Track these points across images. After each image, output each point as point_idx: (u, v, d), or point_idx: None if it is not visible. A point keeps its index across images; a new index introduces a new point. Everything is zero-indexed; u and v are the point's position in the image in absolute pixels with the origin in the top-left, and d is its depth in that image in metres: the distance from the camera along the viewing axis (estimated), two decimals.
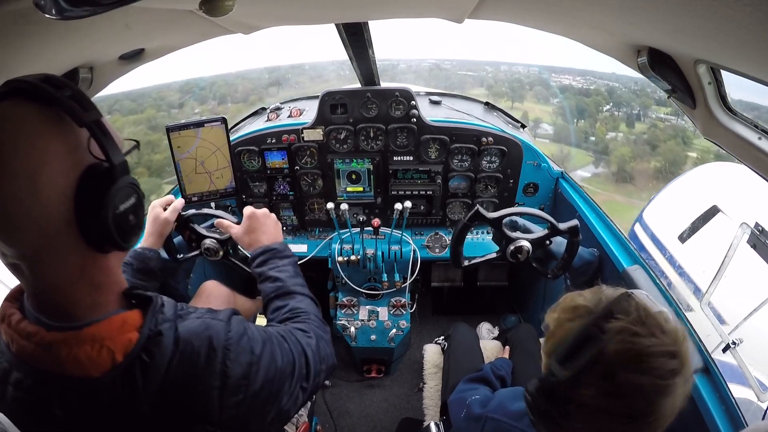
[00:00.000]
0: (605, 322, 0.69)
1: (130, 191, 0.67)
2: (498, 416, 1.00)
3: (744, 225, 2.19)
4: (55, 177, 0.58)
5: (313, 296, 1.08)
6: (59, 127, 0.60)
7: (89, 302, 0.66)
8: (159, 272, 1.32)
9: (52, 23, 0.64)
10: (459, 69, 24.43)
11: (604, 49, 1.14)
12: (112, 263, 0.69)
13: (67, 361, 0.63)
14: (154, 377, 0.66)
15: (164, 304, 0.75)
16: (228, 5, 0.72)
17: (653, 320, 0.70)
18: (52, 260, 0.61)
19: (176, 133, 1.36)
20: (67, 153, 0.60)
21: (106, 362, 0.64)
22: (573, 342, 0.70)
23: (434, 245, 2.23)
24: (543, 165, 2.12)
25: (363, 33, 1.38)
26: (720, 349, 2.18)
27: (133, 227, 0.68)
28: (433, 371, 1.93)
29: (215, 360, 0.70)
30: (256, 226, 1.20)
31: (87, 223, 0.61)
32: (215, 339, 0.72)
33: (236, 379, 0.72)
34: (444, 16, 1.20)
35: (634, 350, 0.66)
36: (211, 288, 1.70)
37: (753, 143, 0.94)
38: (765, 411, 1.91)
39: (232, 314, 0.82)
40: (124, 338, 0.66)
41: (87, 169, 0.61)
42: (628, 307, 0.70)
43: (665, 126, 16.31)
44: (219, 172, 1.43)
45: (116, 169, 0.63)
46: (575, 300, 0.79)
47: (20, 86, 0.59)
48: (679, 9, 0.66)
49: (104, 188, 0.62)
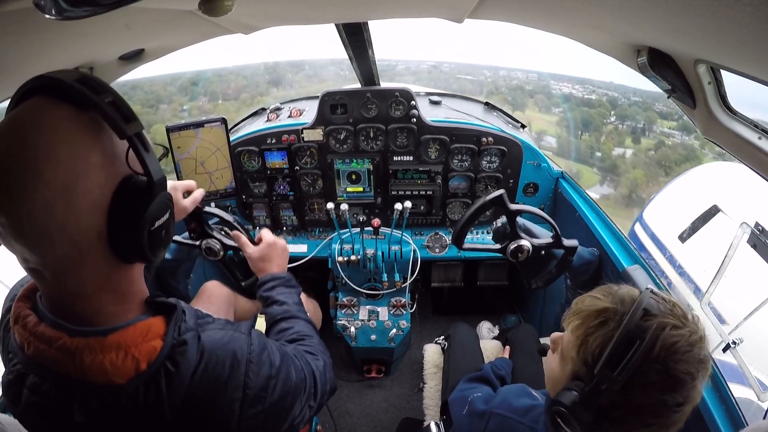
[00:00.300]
0: (643, 321, 0.70)
1: (165, 207, 0.65)
2: (503, 412, 1.00)
3: (744, 225, 2.19)
4: (92, 189, 0.56)
5: (314, 323, 1.12)
6: (98, 136, 0.57)
7: (112, 310, 0.66)
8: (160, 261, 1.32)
9: (52, 23, 0.63)
10: (458, 72, 24.36)
11: (604, 49, 1.14)
12: (136, 273, 0.69)
13: (91, 367, 0.62)
14: (178, 386, 0.66)
15: (185, 312, 0.74)
16: (227, 5, 0.72)
17: (678, 310, 0.73)
18: (78, 270, 0.60)
19: (176, 133, 1.36)
20: (104, 165, 0.58)
21: (131, 370, 0.64)
22: (617, 346, 0.70)
23: (434, 245, 2.23)
24: (543, 165, 2.12)
25: (363, 33, 1.38)
26: (720, 348, 2.18)
27: (164, 241, 0.68)
28: (433, 371, 1.93)
29: (239, 372, 0.71)
30: (272, 255, 1.24)
31: (119, 236, 0.59)
32: (239, 352, 0.73)
33: (256, 391, 0.73)
34: (444, 15, 1.20)
35: (680, 342, 0.69)
36: (212, 288, 1.70)
37: (753, 143, 0.94)
38: (766, 411, 1.91)
39: (251, 327, 0.83)
40: (148, 346, 0.65)
41: (123, 182, 0.59)
42: (656, 304, 0.73)
43: (674, 144, 15.92)
44: (219, 172, 1.43)
45: (156, 185, 0.62)
46: (596, 303, 0.78)
47: (53, 83, 0.56)
48: (679, 9, 0.66)
49: (142, 203, 0.60)
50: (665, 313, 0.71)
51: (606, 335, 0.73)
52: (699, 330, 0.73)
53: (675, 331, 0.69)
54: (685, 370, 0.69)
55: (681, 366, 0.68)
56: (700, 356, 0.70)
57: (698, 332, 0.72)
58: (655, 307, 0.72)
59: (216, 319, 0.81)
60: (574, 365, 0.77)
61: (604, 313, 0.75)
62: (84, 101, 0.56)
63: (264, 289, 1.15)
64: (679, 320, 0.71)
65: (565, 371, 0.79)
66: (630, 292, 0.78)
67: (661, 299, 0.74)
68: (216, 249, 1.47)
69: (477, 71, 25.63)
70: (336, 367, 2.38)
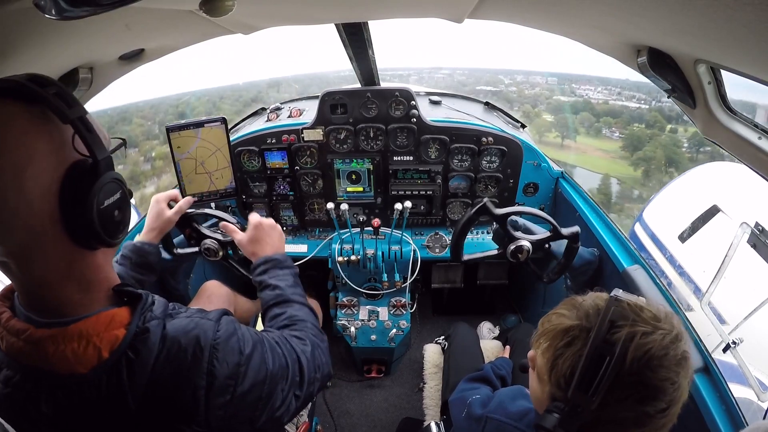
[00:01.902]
0: (611, 334, 0.68)
1: (114, 187, 0.67)
2: (498, 416, 1.00)
3: (744, 225, 2.19)
4: (41, 174, 0.59)
5: (311, 306, 1.09)
6: (44, 124, 0.60)
7: (78, 299, 0.67)
8: (157, 266, 1.32)
9: (52, 23, 0.64)
10: (477, 83, 23.08)
11: (604, 49, 1.14)
12: (100, 260, 0.69)
13: (54, 357, 0.63)
14: (140, 374, 0.66)
15: (155, 302, 0.75)
16: (228, 5, 0.72)
17: (647, 313, 0.70)
18: (39, 257, 0.61)
19: (176, 133, 1.36)
20: (52, 150, 0.60)
21: (93, 359, 0.65)
22: (587, 365, 0.68)
23: (434, 245, 2.23)
24: (543, 165, 2.12)
25: (363, 33, 1.38)
26: (720, 348, 2.19)
27: (118, 223, 0.68)
28: (433, 371, 1.93)
29: (202, 359, 0.70)
30: (261, 236, 1.21)
31: (72, 219, 0.61)
32: (203, 338, 0.72)
33: (223, 379, 0.71)
34: (443, 16, 1.20)
35: (653, 349, 0.66)
36: (212, 288, 1.71)
37: (753, 143, 0.94)
38: (766, 411, 1.91)
39: (222, 314, 0.81)
40: (110, 335, 0.66)
41: (71, 166, 0.61)
42: (623, 311, 0.70)
43: None
44: (219, 172, 1.43)
45: (100, 165, 0.63)
46: (562, 322, 0.75)
47: (6, 86, 0.59)
48: (679, 9, 0.66)
49: (88, 184, 0.62)
50: (634, 321, 0.68)
51: (575, 356, 0.70)
52: (674, 328, 0.69)
53: (646, 338, 0.66)
54: (663, 376, 0.66)
55: (659, 373, 0.66)
56: (678, 356, 0.68)
57: (673, 331, 0.69)
58: (621, 315, 0.69)
59: (189, 309, 0.80)
60: (550, 387, 0.75)
61: (570, 332, 0.72)
62: (31, 96, 0.59)
63: (256, 273, 1.13)
64: (649, 324, 0.68)
65: (544, 392, 0.77)
66: (595, 303, 0.75)
67: (627, 305, 0.70)
68: (215, 248, 1.48)
69: (496, 79, 24.25)
70: (336, 367, 2.39)
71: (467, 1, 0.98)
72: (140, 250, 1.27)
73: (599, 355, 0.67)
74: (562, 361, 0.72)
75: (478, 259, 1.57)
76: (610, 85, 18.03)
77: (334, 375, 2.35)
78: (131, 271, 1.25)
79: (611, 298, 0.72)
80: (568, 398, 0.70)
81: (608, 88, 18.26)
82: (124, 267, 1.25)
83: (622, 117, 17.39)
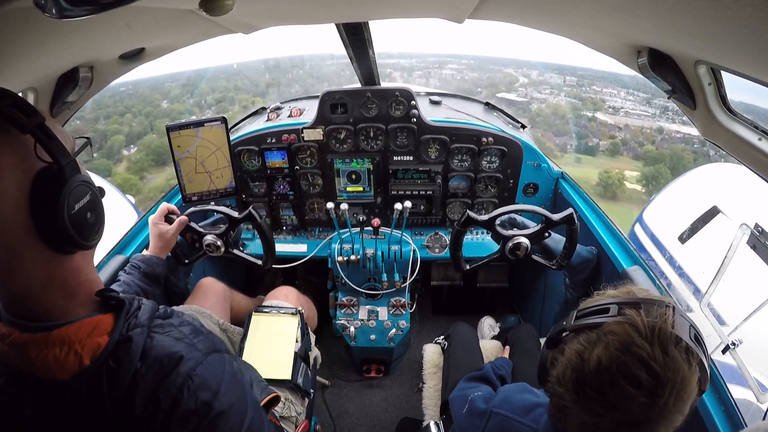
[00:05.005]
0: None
1: (83, 189, 0.66)
2: (503, 411, 0.98)
3: (744, 226, 2.19)
4: (8, 188, 0.58)
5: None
6: (5, 137, 0.59)
7: (63, 305, 0.67)
8: (163, 280, 1.35)
9: (52, 22, 0.64)
10: (495, 90, 21.38)
11: (605, 50, 1.14)
12: (79, 263, 0.69)
13: (37, 362, 0.64)
14: (120, 384, 0.66)
15: (140, 308, 0.74)
16: (228, 5, 0.72)
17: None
18: (20, 269, 0.61)
19: (176, 132, 1.36)
20: (16, 163, 0.59)
21: (74, 366, 0.65)
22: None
23: (434, 245, 2.23)
24: (543, 165, 2.12)
25: (363, 33, 1.38)
26: (720, 350, 2.18)
27: (92, 225, 0.68)
28: (433, 371, 1.93)
29: (174, 383, 0.69)
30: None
31: (45, 227, 0.61)
32: (183, 365, 0.70)
33: (185, 411, 0.68)
34: (444, 16, 1.20)
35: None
36: (208, 284, 1.72)
37: (753, 144, 0.94)
38: (765, 412, 1.91)
39: (212, 351, 0.78)
40: (93, 342, 0.66)
41: (37, 175, 0.61)
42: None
43: None
44: (219, 171, 1.44)
45: (65, 170, 0.62)
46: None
47: None
48: (679, 9, 0.66)
49: (56, 191, 0.61)
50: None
51: None
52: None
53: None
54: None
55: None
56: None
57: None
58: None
59: (182, 324, 0.78)
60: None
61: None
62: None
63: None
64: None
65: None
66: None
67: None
68: (215, 243, 1.50)
69: (511, 78, 22.69)
70: (336, 367, 2.39)
71: (468, 2, 0.98)
72: (150, 260, 1.30)
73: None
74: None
75: (480, 263, 1.58)
76: (621, 86, 15.48)
77: (334, 374, 2.35)
78: (138, 282, 1.26)
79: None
80: None
81: (631, 92, 15.31)
82: (132, 276, 1.26)
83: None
